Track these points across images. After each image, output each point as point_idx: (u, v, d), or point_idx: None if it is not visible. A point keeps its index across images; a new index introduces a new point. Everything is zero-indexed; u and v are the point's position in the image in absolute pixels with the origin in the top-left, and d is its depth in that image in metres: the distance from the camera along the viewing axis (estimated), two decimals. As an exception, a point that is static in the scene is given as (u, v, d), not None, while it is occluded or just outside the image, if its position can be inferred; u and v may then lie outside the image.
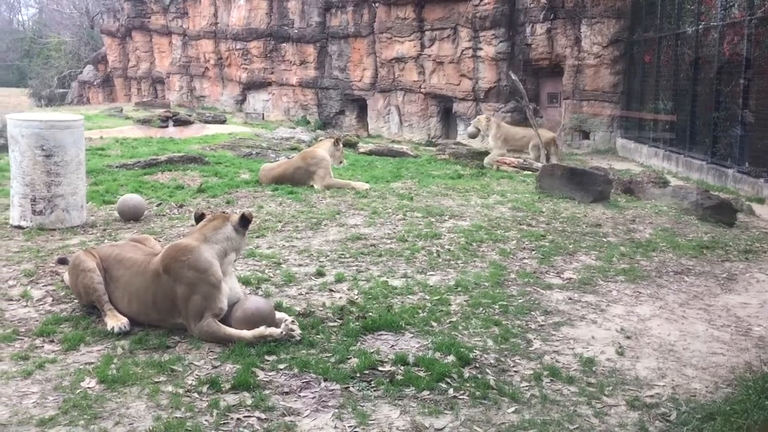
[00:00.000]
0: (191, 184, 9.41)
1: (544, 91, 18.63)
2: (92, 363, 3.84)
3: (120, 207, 7.44)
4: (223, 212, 4.78)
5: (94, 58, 31.75)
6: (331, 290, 5.24)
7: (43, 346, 4.06)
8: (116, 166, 10.38)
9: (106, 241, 6.37)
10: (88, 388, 3.55)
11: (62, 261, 5.47)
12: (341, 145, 10.59)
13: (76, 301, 4.79)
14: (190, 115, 18.79)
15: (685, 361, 4.20)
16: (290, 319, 4.31)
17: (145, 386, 3.58)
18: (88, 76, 31.31)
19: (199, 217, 4.64)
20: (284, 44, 23.12)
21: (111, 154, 12.01)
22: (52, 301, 4.83)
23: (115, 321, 4.32)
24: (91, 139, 13.21)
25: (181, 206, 8.06)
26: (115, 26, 29.29)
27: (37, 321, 4.43)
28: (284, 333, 4.17)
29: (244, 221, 4.48)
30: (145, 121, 17.22)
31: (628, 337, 4.52)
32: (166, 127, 16.89)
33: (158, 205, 8.08)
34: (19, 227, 6.82)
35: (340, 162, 10.39)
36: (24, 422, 3.23)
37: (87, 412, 3.31)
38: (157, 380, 3.65)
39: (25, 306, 4.71)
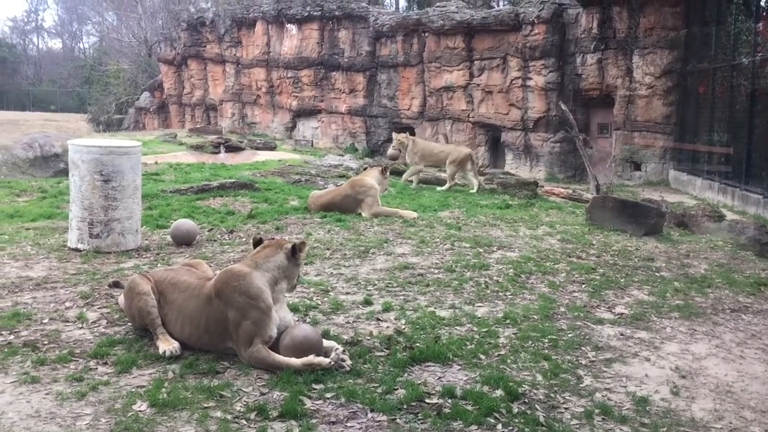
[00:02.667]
0: (242, 210, 9.56)
1: (595, 122, 18.44)
2: (144, 386, 3.91)
3: (173, 232, 7.60)
4: (279, 239, 4.80)
5: (150, 85, 32.71)
6: (378, 319, 5.23)
7: (96, 368, 4.14)
8: (170, 192, 10.62)
9: (159, 265, 6.50)
10: (140, 411, 3.60)
11: (115, 284, 5.60)
12: (388, 174, 10.65)
13: (129, 324, 4.89)
14: (241, 142, 19.15)
15: (743, 403, 4.05)
16: (341, 348, 4.31)
17: (195, 411, 3.61)
18: (144, 102, 32.25)
19: (257, 243, 4.68)
20: (334, 73, 23.47)
21: (165, 179, 12.30)
22: (107, 323, 4.94)
23: (167, 345, 4.39)
24: (147, 164, 13.57)
25: (231, 232, 8.19)
26: (172, 55, 30.16)
27: (92, 343, 4.53)
28: (333, 363, 4.17)
29: (295, 250, 4.52)
30: (197, 147, 17.61)
31: (683, 377, 4.39)
32: (218, 153, 17.23)
33: (210, 231, 8.22)
34: (77, 250, 7.02)
35: (385, 190, 10.45)
36: (78, 443, 3.29)
37: (138, 435, 3.36)
38: (206, 405, 3.69)
39: (81, 328, 4.82)
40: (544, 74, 18.15)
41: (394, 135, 14.15)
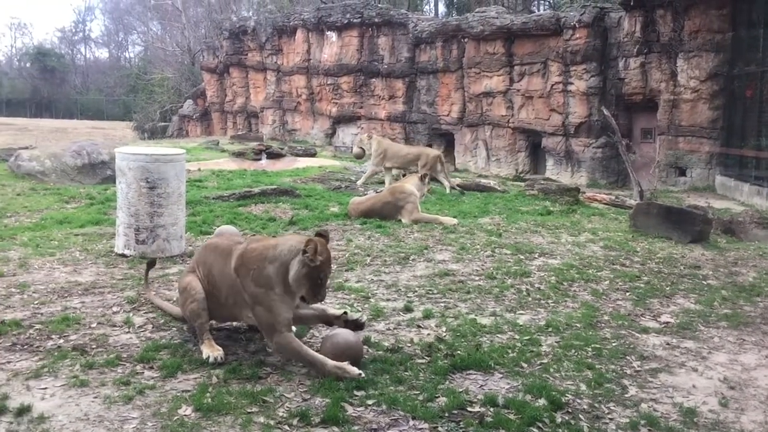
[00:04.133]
0: (283, 217, 9.66)
1: (638, 127, 18.15)
2: (189, 391, 3.96)
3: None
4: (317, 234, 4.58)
5: (193, 93, 33.29)
6: (419, 326, 5.23)
7: (143, 372, 4.22)
8: (213, 198, 10.78)
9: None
10: (185, 415, 3.66)
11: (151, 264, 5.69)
12: (428, 180, 10.65)
13: (174, 328, 4.98)
14: (281, 149, 19.34)
15: (795, 416, 3.94)
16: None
17: (239, 416, 3.66)
18: (187, 110, 32.83)
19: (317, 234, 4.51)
20: (374, 79, 23.56)
21: (208, 186, 12.49)
22: (152, 328, 5.03)
23: (212, 351, 4.45)
24: (190, 171, 13.79)
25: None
26: (214, 63, 30.65)
27: (138, 347, 4.62)
28: (362, 375, 4.12)
29: (306, 252, 4.24)
30: (239, 154, 17.84)
31: (732, 388, 4.29)
32: (260, 160, 17.42)
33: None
34: (123, 255, 7.17)
35: (423, 196, 10.44)
36: (125, 446, 3.36)
37: (184, 439, 3.41)
38: (249, 411, 3.73)
39: (128, 332, 4.92)
40: (586, 79, 17.94)
41: (359, 135, 14.18)
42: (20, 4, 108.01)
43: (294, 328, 4.62)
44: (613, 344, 4.93)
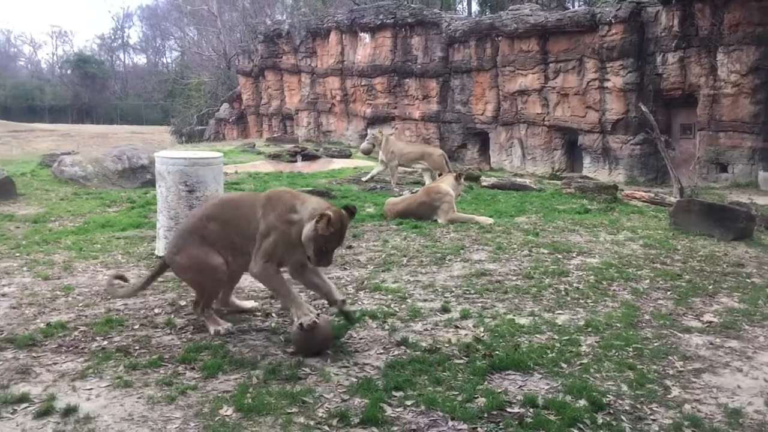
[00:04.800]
0: (319, 218, 9.70)
1: (677, 123, 17.83)
2: (229, 391, 4.02)
3: (253, 240, 7.78)
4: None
5: (229, 96, 33.68)
6: (456, 327, 5.22)
7: (185, 373, 4.28)
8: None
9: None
10: (226, 415, 3.71)
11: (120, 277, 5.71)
12: (462, 180, 10.62)
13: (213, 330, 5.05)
14: (317, 150, 19.45)
15: None
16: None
17: (279, 416, 3.69)
18: (224, 113, 33.22)
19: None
20: (407, 79, 23.56)
21: (245, 188, 12.62)
22: (193, 329, 5.10)
23: (218, 325, 4.93)
24: (227, 174, 13.95)
25: (309, 239, 8.31)
26: (250, 66, 30.97)
27: (180, 348, 4.69)
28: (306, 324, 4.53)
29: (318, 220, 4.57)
30: (275, 156, 17.99)
31: (779, 388, 4.19)
32: (295, 161, 17.55)
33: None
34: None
35: (458, 195, 10.41)
36: (169, 445, 3.42)
37: (225, 438, 3.46)
38: (289, 411, 3.76)
39: (169, 333, 5.01)
40: (623, 75, 17.69)
41: (370, 131, 14.37)
42: (61, 12, 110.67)
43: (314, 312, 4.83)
44: (655, 344, 4.86)
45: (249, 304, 5.64)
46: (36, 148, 30.66)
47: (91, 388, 4.03)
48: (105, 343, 4.78)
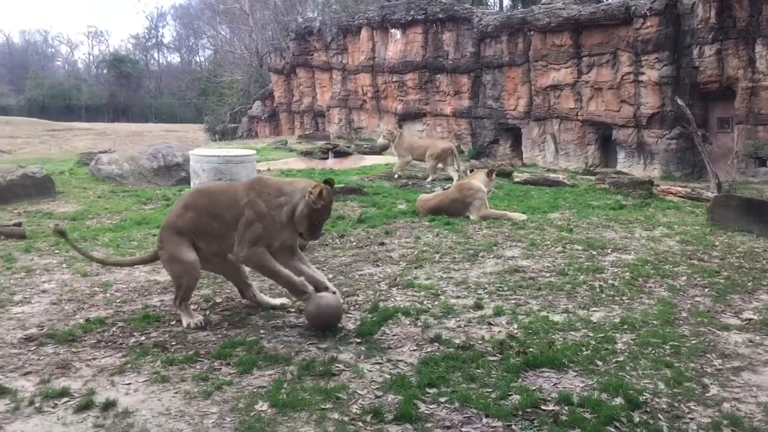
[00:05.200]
0: (351, 215, 9.74)
1: (714, 116, 17.47)
2: (264, 387, 4.06)
3: (286, 236, 7.83)
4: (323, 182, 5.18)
5: (261, 94, 33.91)
6: (489, 323, 5.20)
7: (220, 369, 4.34)
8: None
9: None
10: (262, 411, 3.75)
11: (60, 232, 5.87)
12: (494, 176, 10.56)
13: (249, 326, 5.11)
14: (348, 147, 19.49)
15: None
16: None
17: (313, 412, 3.72)
18: (256, 111, 33.47)
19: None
20: (438, 75, 23.46)
21: (277, 186, 12.70)
22: (228, 325, 5.17)
23: (192, 318, 5.07)
24: (260, 171, 14.07)
25: (342, 236, 8.36)
26: (281, 64, 31.14)
27: (215, 344, 4.75)
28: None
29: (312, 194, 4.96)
30: (307, 153, 18.07)
31: (822, 388, 4.09)
32: (327, 158, 17.60)
33: (321, 235, 8.42)
34: (198, 254, 7.36)
35: (490, 191, 10.36)
36: (205, 440, 3.46)
37: (261, 434, 3.49)
38: (323, 407, 3.79)
39: (205, 330, 5.07)
40: (658, 68, 17.39)
41: (385, 126, 14.66)
42: (97, 12, 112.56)
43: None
44: (693, 342, 4.78)
45: (278, 300, 5.67)
46: (74, 146, 31.25)
47: (130, 383, 4.11)
48: (142, 338, 4.86)
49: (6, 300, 5.73)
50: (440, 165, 13.85)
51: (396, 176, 13.92)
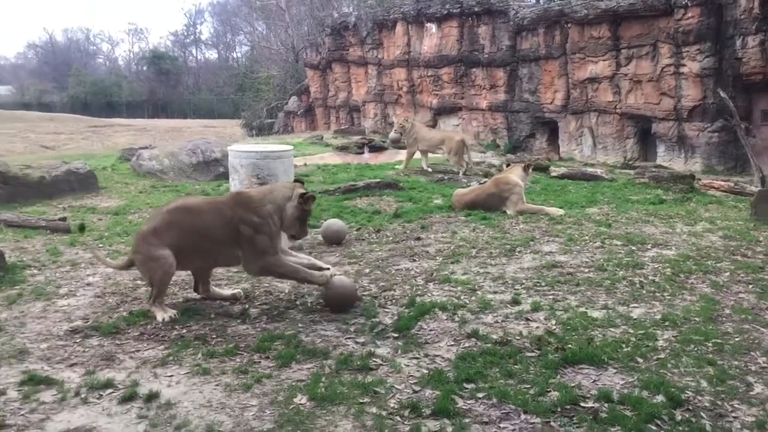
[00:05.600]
0: (387, 209, 9.76)
1: (757, 108, 17.04)
2: (303, 380, 4.10)
3: (323, 231, 7.90)
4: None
5: (297, 89, 34.11)
6: (527, 319, 5.18)
7: (260, 362, 4.40)
8: (319, 192, 11.01)
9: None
10: (300, 404, 3.79)
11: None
12: (531, 171, 10.49)
13: (288, 320, 5.17)
14: (383, 141, 19.51)
15: None
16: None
17: (351, 406, 3.75)
18: (292, 106, 33.68)
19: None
20: (474, 69, 23.31)
21: (314, 180, 12.79)
22: (267, 319, 5.23)
23: (165, 313, 5.17)
24: (296, 166, 14.15)
25: (378, 231, 8.38)
26: (317, 59, 31.27)
27: (255, 338, 4.81)
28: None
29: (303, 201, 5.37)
30: (343, 148, 18.15)
31: None
32: (362, 153, 17.66)
33: (357, 230, 8.46)
34: (237, 249, 7.45)
35: (525, 186, 10.28)
36: (246, 432, 3.52)
37: (300, 427, 3.53)
38: (361, 401, 3.81)
39: (244, 323, 5.14)
40: (699, 60, 17.02)
41: (395, 119, 14.90)
42: (137, 10, 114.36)
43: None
44: (736, 339, 4.70)
45: (229, 291, 5.82)
46: (115, 142, 31.84)
47: (172, 375, 4.19)
48: (183, 331, 4.95)
49: (52, 293, 5.88)
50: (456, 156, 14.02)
51: (403, 167, 14.30)
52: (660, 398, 3.78)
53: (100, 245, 7.72)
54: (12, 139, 31.17)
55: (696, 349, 4.52)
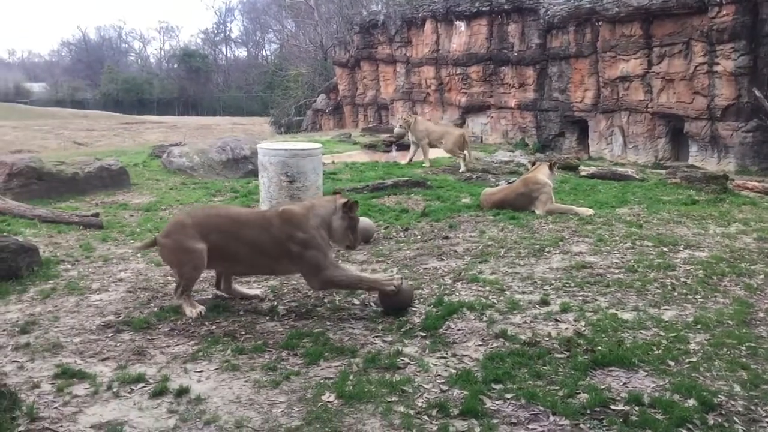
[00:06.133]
0: (415, 208, 9.74)
1: (794, 108, 16.71)
2: (331, 378, 4.12)
3: (351, 229, 7.90)
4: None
5: (326, 87, 34.23)
6: (556, 320, 5.14)
7: (288, 359, 4.42)
8: (347, 190, 11.01)
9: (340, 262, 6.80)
10: (328, 402, 3.81)
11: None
12: (556, 169, 10.44)
13: (316, 317, 5.19)
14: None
15: None
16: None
17: (379, 404, 3.76)
18: (321, 104, 33.81)
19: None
20: (503, 67, 23.17)
21: (342, 179, 12.82)
22: (295, 316, 5.26)
23: (194, 308, 5.22)
24: (325, 164, 14.18)
25: (406, 230, 8.37)
26: (346, 57, 31.34)
27: (283, 335, 4.84)
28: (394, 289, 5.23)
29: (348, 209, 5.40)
30: (370, 146, 18.15)
31: None
32: (390, 151, 17.65)
33: (385, 229, 8.47)
34: (266, 246, 7.51)
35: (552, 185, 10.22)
36: (274, 430, 3.54)
37: (328, 425, 3.55)
38: (389, 400, 3.82)
39: (273, 320, 5.18)
40: (734, 58, 16.72)
41: (399, 115, 15.44)
42: (168, 9, 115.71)
43: None
44: (770, 343, 4.61)
45: (251, 291, 5.83)
46: (146, 139, 32.26)
47: (202, 371, 4.23)
48: (213, 327, 5.00)
49: (85, 288, 5.98)
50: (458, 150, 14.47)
51: (409, 161, 14.93)
52: (692, 402, 3.73)
53: (132, 241, 7.83)
54: (46, 136, 31.76)
55: (729, 352, 4.45)
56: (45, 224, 8.50)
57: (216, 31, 78.63)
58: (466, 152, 14.32)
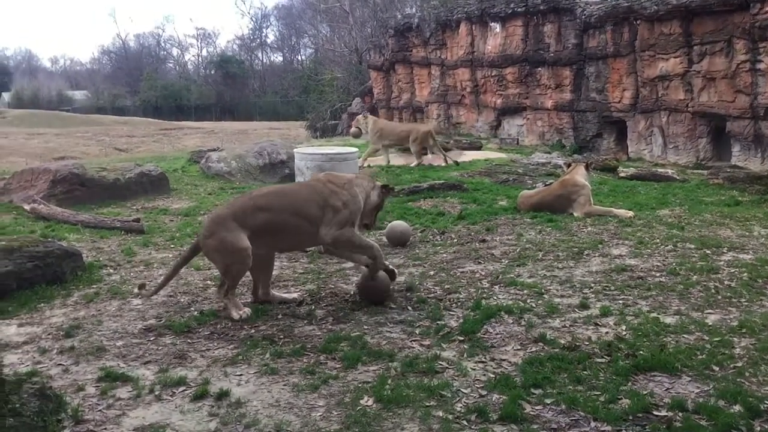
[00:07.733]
0: (451, 211, 9.71)
1: (842, 105, 16.24)
2: (369, 382, 4.13)
3: (388, 233, 7.92)
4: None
5: (361, 91, 34.37)
6: (596, 324, 5.07)
7: (326, 363, 4.45)
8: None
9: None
10: (367, 406, 3.81)
11: (142, 286, 6.03)
12: (591, 170, 10.31)
13: (353, 321, 5.21)
14: (447, 142, 19.40)
15: None
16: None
17: (417, 409, 3.75)
18: (356, 108, 33.91)
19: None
20: (539, 68, 22.97)
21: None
22: (333, 320, 5.28)
23: (240, 311, 5.31)
24: (361, 167, 14.24)
25: (443, 233, 8.35)
26: (380, 61, 31.41)
27: (321, 339, 4.87)
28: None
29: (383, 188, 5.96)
30: (406, 149, 18.10)
31: None
32: (425, 154, 17.60)
33: (422, 232, 8.46)
34: (304, 251, 7.56)
35: None
36: (314, 432, 3.56)
37: (367, 429, 3.56)
38: (427, 404, 3.81)
39: (311, 324, 5.21)
40: (778, 55, 16.33)
41: (359, 117, 15.28)
42: (205, 15, 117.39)
43: None
44: (820, 349, 4.49)
45: (290, 295, 5.85)
46: (184, 145, 32.78)
47: (241, 374, 4.28)
48: (252, 331, 5.05)
49: (127, 292, 6.09)
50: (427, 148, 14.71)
51: (366, 165, 14.47)
52: (737, 408, 3.65)
53: (172, 246, 7.95)
54: (88, 142, 32.47)
55: (776, 358, 4.34)
56: (88, 229, 8.69)
57: (252, 37, 79.50)
58: (435, 149, 14.59)
